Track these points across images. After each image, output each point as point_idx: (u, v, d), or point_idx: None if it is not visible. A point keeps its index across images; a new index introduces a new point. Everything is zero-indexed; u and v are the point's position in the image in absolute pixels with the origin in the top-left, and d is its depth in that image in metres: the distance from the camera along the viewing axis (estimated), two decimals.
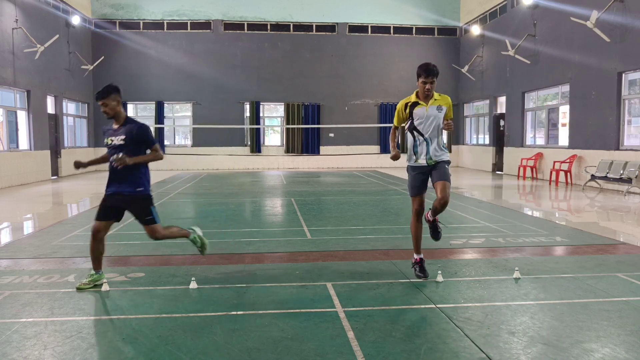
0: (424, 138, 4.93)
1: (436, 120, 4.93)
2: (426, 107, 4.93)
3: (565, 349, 3.44)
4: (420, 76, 4.88)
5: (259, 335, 3.70)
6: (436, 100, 4.96)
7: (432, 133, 4.93)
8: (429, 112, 4.92)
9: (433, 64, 4.98)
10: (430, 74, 4.85)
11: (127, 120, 4.95)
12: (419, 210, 5.05)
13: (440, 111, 4.94)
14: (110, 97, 4.84)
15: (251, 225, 8.58)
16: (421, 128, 4.94)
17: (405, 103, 5.03)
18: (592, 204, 11.33)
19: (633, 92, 13.61)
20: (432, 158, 4.95)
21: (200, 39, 22.91)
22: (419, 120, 4.93)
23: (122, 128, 4.88)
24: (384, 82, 23.93)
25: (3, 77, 15.10)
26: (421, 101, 4.96)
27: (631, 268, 5.48)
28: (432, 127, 4.93)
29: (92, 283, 4.85)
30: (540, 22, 17.31)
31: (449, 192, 4.91)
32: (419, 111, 4.94)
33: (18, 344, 3.57)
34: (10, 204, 11.73)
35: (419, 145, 4.97)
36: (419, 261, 5.13)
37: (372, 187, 14.55)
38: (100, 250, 4.95)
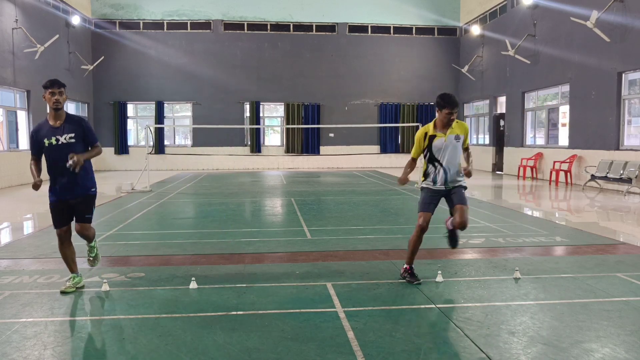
0: (443, 167, 4.98)
1: (454, 149, 4.97)
2: (444, 137, 4.95)
3: (565, 349, 3.44)
4: (444, 108, 4.88)
5: (259, 335, 3.71)
6: (453, 129, 4.98)
7: (450, 162, 4.97)
8: (447, 141, 4.95)
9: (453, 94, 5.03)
10: (455, 106, 4.90)
11: (68, 116, 4.68)
12: (423, 227, 5.00)
13: (458, 140, 4.98)
14: (64, 88, 4.64)
15: (251, 225, 8.58)
16: (440, 158, 4.98)
17: (424, 133, 5.04)
18: (592, 204, 11.33)
19: (633, 92, 13.60)
20: (449, 184, 5.00)
21: (200, 39, 22.91)
22: (438, 150, 4.97)
23: (64, 125, 4.59)
24: (384, 82, 23.93)
25: (3, 77, 15.10)
26: (439, 132, 4.97)
27: (631, 268, 5.48)
28: (450, 156, 4.96)
29: (75, 286, 4.75)
30: (540, 22, 17.30)
31: (467, 216, 4.97)
32: (437, 142, 4.96)
33: (18, 344, 3.57)
34: (10, 204, 11.73)
35: (438, 174, 5.00)
36: (409, 269, 5.09)
37: (372, 187, 14.55)
38: (71, 253, 4.84)
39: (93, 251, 5.06)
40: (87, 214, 4.80)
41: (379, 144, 24.09)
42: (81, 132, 4.64)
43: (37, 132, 4.66)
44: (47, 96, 4.59)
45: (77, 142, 4.60)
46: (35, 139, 4.65)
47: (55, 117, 4.63)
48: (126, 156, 22.85)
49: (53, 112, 4.62)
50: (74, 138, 4.59)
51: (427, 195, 5.06)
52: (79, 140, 4.62)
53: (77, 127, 4.63)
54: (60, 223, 4.76)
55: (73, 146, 4.58)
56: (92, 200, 4.84)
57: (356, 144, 23.61)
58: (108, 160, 22.73)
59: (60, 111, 4.64)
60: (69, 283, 4.77)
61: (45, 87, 4.59)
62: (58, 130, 4.58)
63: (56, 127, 4.60)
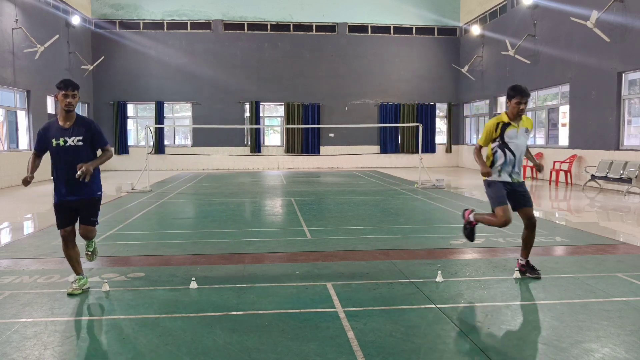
0: (514, 157, 5.08)
1: (523, 142, 5.13)
2: (517, 128, 5.09)
3: (565, 349, 3.44)
4: (513, 97, 5.03)
5: (259, 335, 3.71)
6: (524, 122, 5.16)
7: (519, 153, 5.11)
8: (519, 132, 5.10)
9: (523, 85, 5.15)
10: (526, 96, 5.03)
11: (78, 117, 4.64)
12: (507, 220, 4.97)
13: (527, 133, 5.17)
14: (77, 90, 4.57)
15: (251, 225, 8.58)
16: (513, 148, 5.08)
17: (497, 122, 5.14)
18: (592, 204, 11.33)
19: (633, 92, 13.61)
20: (516, 177, 5.11)
21: (200, 39, 22.91)
22: (511, 140, 5.07)
23: (74, 127, 4.56)
24: (384, 82, 23.93)
25: (3, 77, 15.10)
26: (513, 122, 5.10)
27: (631, 268, 5.48)
28: (521, 147, 5.11)
29: (81, 288, 4.71)
30: (540, 22, 17.31)
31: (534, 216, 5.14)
32: (510, 132, 5.09)
33: (18, 344, 3.57)
34: (10, 204, 11.73)
35: (507, 164, 5.09)
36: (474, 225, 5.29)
37: (372, 187, 14.55)
38: (75, 254, 4.79)
39: (91, 245, 5.00)
40: (93, 216, 4.78)
41: (379, 144, 24.09)
42: (90, 136, 4.61)
43: (45, 130, 4.63)
44: (59, 97, 4.52)
45: (84, 145, 4.57)
46: (43, 137, 4.62)
47: (66, 118, 4.59)
48: (126, 156, 22.86)
49: (64, 113, 4.57)
50: (81, 141, 4.55)
51: (500, 187, 5.10)
52: (86, 143, 4.59)
53: (86, 130, 4.60)
54: (64, 224, 4.70)
55: (80, 149, 4.56)
56: (97, 203, 4.81)
57: (356, 144, 23.61)
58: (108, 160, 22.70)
59: (71, 113, 4.59)
60: (75, 285, 4.71)
61: (59, 88, 4.52)
62: (67, 132, 4.55)
63: (65, 129, 4.56)
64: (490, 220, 5.16)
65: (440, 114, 24.84)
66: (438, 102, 24.42)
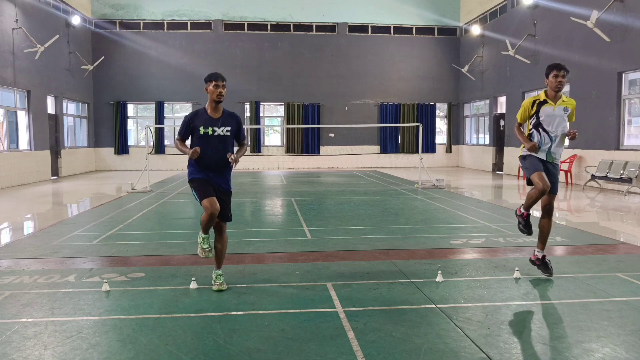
0: (550, 137, 5.03)
1: (562, 121, 5.03)
2: (554, 106, 5.03)
3: (566, 349, 3.44)
4: (550, 72, 4.99)
5: (259, 335, 3.71)
6: (564, 102, 5.06)
7: (557, 133, 5.03)
8: (556, 111, 5.02)
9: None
10: (562, 69, 4.97)
11: (225, 110, 4.82)
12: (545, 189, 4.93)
13: (566, 112, 5.05)
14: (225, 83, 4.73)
15: (251, 225, 8.58)
16: (547, 126, 5.03)
17: (534, 100, 5.11)
18: (592, 204, 11.33)
19: (633, 92, 13.60)
20: (551, 156, 5.08)
21: (200, 39, 22.91)
22: (546, 118, 5.02)
23: (223, 118, 4.74)
24: (384, 82, 23.92)
25: (3, 77, 15.10)
26: (550, 100, 5.04)
27: (631, 268, 5.48)
28: (558, 127, 5.03)
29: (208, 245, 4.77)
30: (540, 22, 17.30)
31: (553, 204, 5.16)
32: (547, 109, 5.03)
33: (18, 344, 3.57)
34: (10, 204, 11.73)
35: (543, 143, 5.06)
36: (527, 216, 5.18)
37: (372, 187, 14.55)
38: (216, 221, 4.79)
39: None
40: (229, 212, 4.88)
41: (379, 144, 24.09)
42: (236, 128, 4.78)
43: (192, 118, 4.76)
44: (210, 88, 4.68)
45: (230, 136, 4.76)
46: (189, 124, 4.74)
47: (215, 109, 4.76)
48: (126, 156, 22.86)
49: (213, 104, 4.73)
50: (229, 132, 4.73)
51: (534, 159, 5.09)
52: (232, 134, 4.77)
53: (234, 123, 4.79)
54: (209, 193, 4.64)
55: (227, 139, 4.73)
56: (230, 196, 4.93)
57: (356, 144, 23.61)
58: (108, 160, 22.75)
59: (220, 104, 4.77)
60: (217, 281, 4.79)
61: (210, 80, 4.69)
62: (216, 122, 4.71)
63: (215, 119, 4.72)
64: (532, 195, 5.07)
65: (440, 114, 24.83)
66: (438, 102, 24.41)
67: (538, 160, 5.09)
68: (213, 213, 4.59)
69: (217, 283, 4.79)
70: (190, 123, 4.75)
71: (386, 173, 20.08)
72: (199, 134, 4.69)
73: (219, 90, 4.67)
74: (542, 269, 5.18)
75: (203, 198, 4.63)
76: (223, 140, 4.70)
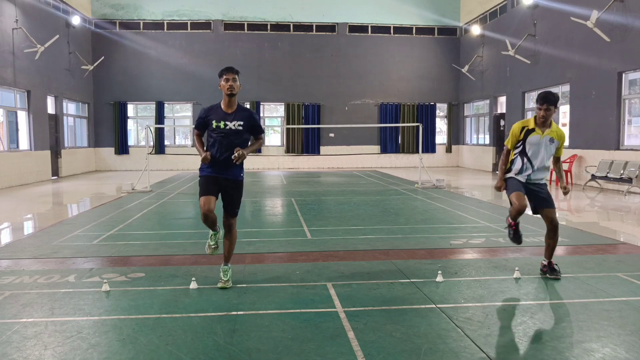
0: (531, 165, 5.03)
1: (547, 150, 5.01)
2: (541, 135, 4.99)
3: (566, 349, 3.44)
4: (537, 102, 4.97)
5: (259, 335, 3.71)
6: (552, 131, 5.02)
7: (539, 162, 5.01)
8: (542, 141, 4.99)
9: (554, 92, 5.06)
10: (545, 101, 4.90)
11: (239, 105, 4.86)
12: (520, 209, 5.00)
13: (552, 142, 5.01)
14: (239, 76, 4.78)
15: (251, 225, 8.58)
16: (530, 155, 5.02)
17: (522, 126, 5.09)
18: (592, 203, 11.32)
19: (633, 92, 13.60)
20: (531, 180, 5.09)
21: (200, 39, 22.91)
22: (531, 147, 5.01)
23: (237, 112, 4.77)
24: (384, 82, 23.93)
25: (3, 77, 15.10)
26: (537, 129, 5.01)
27: (631, 268, 5.48)
28: (541, 155, 5.00)
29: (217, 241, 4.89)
30: (540, 22, 17.30)
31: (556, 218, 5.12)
32: (533, 138, 5.00)
33: (18, 344, 3.57)
34: (11, 204, 11.73)
35: (525, 169, 5.07)
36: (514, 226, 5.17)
37: (372, 187, 14.55)
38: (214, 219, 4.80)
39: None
40: (236, 207, 4.88)
41: (379, 144, 24.09)
42: (250, 123, 4.79)
43: (207, 112, 4.83)
44: (222, 83, 4.75)
45: (244, 131, 4.77)
46: (204, 117, 4.81)
47: (229, 103, 4.80)
48: (126, 156, 22.86)
49: (227, 99, 4.78)
50: (242, 126, 4.75)
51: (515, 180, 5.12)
52: (245, 129, 4.78)
53: (248, 118, 4.80)
54: (207, 191, 4.73)
55: (240, 133, 4.74)
56: (240, 186, 4.90)
57: (356, 144, 23.61)
58: (108, 160, 22.75)
59: (233, 98, 4.79)
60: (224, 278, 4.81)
61: (220, 75, 4.76)
62: (229, 116, 4.75)
63: (228, 113, 4.77)
64: (511, 212, 5.17)
65: (441, 114, 24.83)
66: (438, 102, 24.42)
67: (518, 181, 5.11)
68: (204, 213, 4.69)
69: (223, 280, 4.80)
70: (204, 116, 4.82)
71: (386, 173, 20.07)
72: (212, 127, 4.76)
73: (229, 84, 4.71)
74: (549, 273, 5.19)
75: (200, 196, 4.76)
76: (235, 134, 4.72)
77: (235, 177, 4.82)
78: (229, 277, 4.84)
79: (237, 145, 4.71)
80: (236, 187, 4.86)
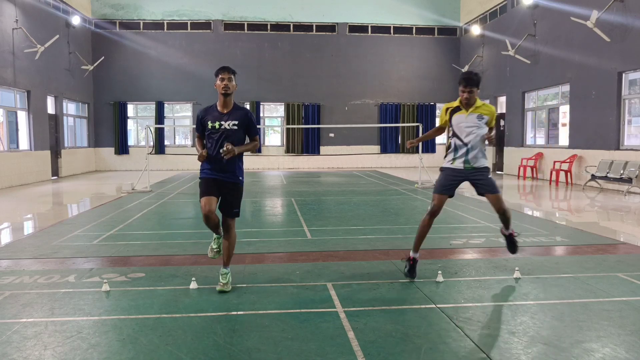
0: (464, 144, 4.98)
1: (476, 128, 4.95)
2: (466, 114, 4.97)
3: (566, 349, 3.44)
4: (459, 84, 4.94)
5: (259, 335, 3.71)
6: (477, 108, 4.97)
7: (471, 140, 4.96)
8: (468, 119, 4.95)
9: (475, 72, 5.03)
10: (468, 84, 4.88)
11: (235, 105, 4.83)
12: (435, 210, 5.01)
13: (480, 119, 4.96)
14: (235, 76, 4.76)
15: (251, 225, 8.58)
16: (460, 134, 4.98)
17: (447, 108, 5.11)
18: (592, 203, 11.32)
19: (633, 92, 13.60)
20: (469, 163, 5.00)
21: (200, 39, 22.91)
22: (457, 126, 4.99)
23: (232, 112, 4.74)
24: (384, 82, 23.93)
25: (3, 77, 15.10)
26: (463, 107, 5.00)
27: (631, 268, 5.48)
28: (470, 135, 4.95)
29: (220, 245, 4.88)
30: (540, 22, 17.30)
31: (503, 203, 5.05)
32: (458, 117, 4.99)
33: (18, 344, 3.57)
34: (11, 204, 11.73)
35: (459, 150, 5.01)
36: (412, 260, 5.07)
37: (372, 187, 14.55)
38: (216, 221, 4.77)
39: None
40: (235, 207, 4.82)
41: (379, 144, 24.09)
42: (245, 122, 4.76)
43: (203, 113, 4.83)
44: (217, 83, 4.74)
45: (239, 130, 4.74)
46: (200, 119, 4.81)
47: (224, 103, 4.76)
48: (126, 156, 22.86)
49: (222, 98, 4.76)
50: (236, 126, 4.72)
51: (445, 176, 5.08)
52: (241, 128, 4.75)
53: (243, 117, 4.75)
54: (207, 192, 4.72)
55: (235, 133, 4.71)
56: (240, 189, 4.85)
57: (356, 144, 23.61)
58: (108, 160, 22.75)
59: (228, 97, 4.76)
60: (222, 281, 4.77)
61: (216, 75, 4.74)
62: (224, 117, 4.73)
63: (223, 113, 4.75)
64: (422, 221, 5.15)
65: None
66: (438, 102, 24.40)
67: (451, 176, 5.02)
68: (205, 214, 4.67)
69: (221, 283, 4.74)
70: (201, 118, 4.82)
71: (386, 173, 20.07)
72: (208, 128, 4.75)
73: (224, 83, 4.68)
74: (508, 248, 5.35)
75: (201, 197, 4.75)
76: (230, 134, 4.70)
77: (235, 179, 4.78)
78: (227, 280, 4.76)
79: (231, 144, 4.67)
80: (235, 189, 4.82)
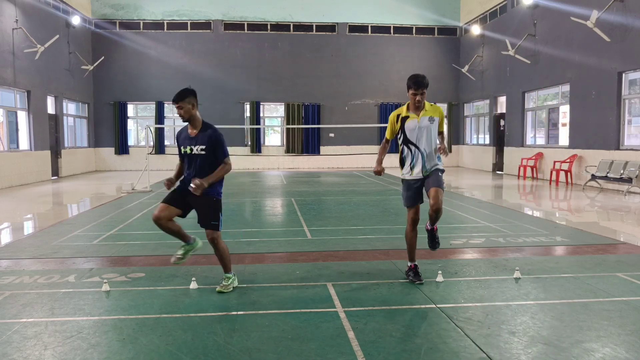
0: (419, 150, 4.90)
1: (429, 132, 4.89)
2: (417, 119, 4.89)
3: (566, 349, 3.44)
4: (410, 88, 4.82)
5: (259, 335, 3.71)
6: (427, 111, 4.90)
7: (426, 145, 4.89)
8: (421, 123, 4.88)
9: (423, 75, 4.91)
10: (420, 87, 4.79)
11: (204, 125, 4.66)
12: (414, 219, 5.01)
13: (432, 122, 4.90)
14: (186, 100, 4.58)
15: (251, 225, 8.58)
16: (414, 140, 4.90)
17: (397, 115, 4.98)
18: (592, 203, 11.32)
19: (633, 91, 13.60)
20: (427, 169, 4.94)
21: (200, 39, 22.91)
22: (411, 132, 4.90)
23: (199, 135, 4.61)
24: (384, 82, 23.93)
25: (3, 77, 15.10)
26: (412, 114, 4.91)
27: (631, 268, 5.48)
28: (425, 138, 4.88)
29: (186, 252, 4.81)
30: (540, 22, 17.30)
31: (441, 199, 4.81)
32: (410, 124, 4.90)
33: (18, 344, 3.57)
34: (11, 204, 11.73)
35: (415, 157, 4.93)
36: (413, 267, 5.07)
37: (372, 187, 14.55)
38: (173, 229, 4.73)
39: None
40: (213, 219, 4.64)
41: (379, 144, 24.01)
42: (212, 145, 4.58)
43: (178, 136, 4.79)
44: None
45: (207, 154, 4.59)
46: (177, 142, 4.78)
47: (192, 125, 4.67)
48: (126, 156, 22.86)
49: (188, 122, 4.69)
50: (204, 150, 4.59)
51: (408, 187, 5.03)
52: (209, 152, 4.59)
53: (209, 139, 4.58)
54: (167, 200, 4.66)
55: (204, 158, 4.59)
56: (213, 201, 4.65)
57: (356, 144, 23.61)
58: (108, 160, 22.76)
59: (192, 121, 4.66)
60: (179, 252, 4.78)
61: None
62: (193, 140, 4.63)
63: (192, 137, 4.65)
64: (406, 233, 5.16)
65: None
66: (438, 102, 24.36)
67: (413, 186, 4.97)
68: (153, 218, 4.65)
69: (222, 285, 4.74)
70: (177, 141, 4.80)
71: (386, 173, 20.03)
72: (181, 153, 4.73)
73: (179, 113, 4.61)
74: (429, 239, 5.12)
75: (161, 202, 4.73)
76: (201, 159, 4.59)
77: (206, 192, 4.55)
78: (229, 282, 4.75)
79: (205, 169, 4.57)
80: (208, 202, 4.62)
